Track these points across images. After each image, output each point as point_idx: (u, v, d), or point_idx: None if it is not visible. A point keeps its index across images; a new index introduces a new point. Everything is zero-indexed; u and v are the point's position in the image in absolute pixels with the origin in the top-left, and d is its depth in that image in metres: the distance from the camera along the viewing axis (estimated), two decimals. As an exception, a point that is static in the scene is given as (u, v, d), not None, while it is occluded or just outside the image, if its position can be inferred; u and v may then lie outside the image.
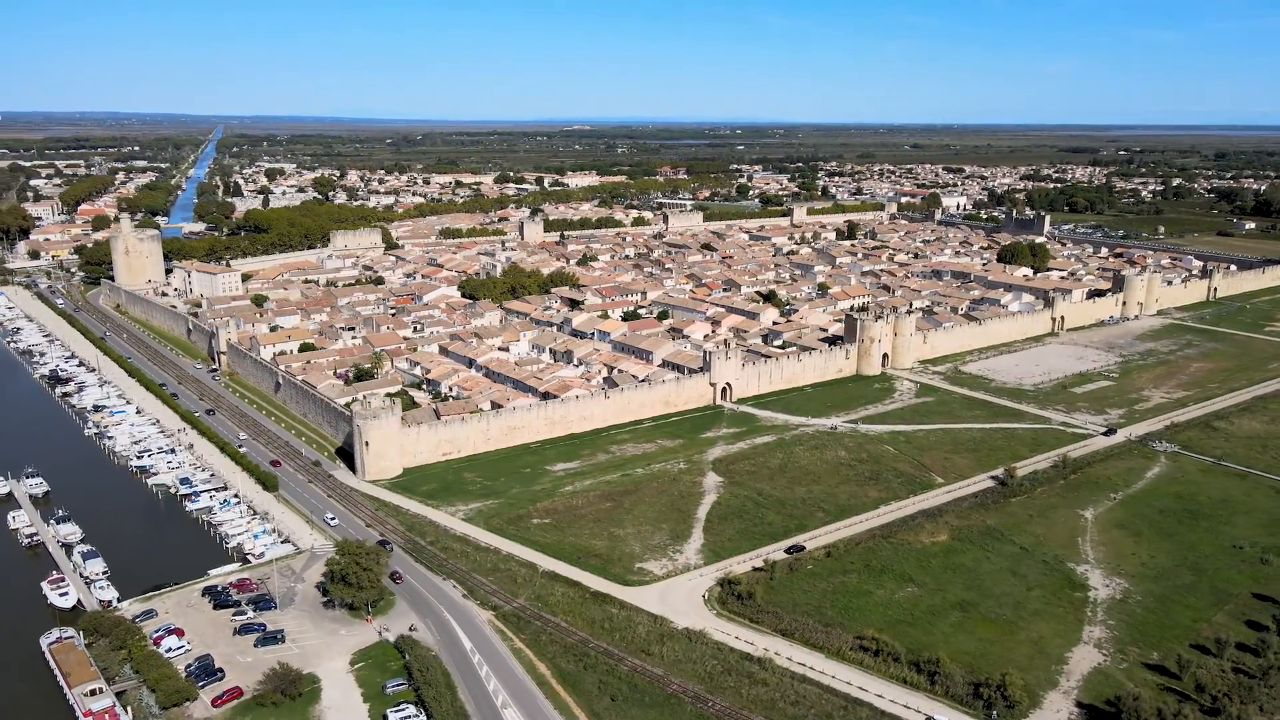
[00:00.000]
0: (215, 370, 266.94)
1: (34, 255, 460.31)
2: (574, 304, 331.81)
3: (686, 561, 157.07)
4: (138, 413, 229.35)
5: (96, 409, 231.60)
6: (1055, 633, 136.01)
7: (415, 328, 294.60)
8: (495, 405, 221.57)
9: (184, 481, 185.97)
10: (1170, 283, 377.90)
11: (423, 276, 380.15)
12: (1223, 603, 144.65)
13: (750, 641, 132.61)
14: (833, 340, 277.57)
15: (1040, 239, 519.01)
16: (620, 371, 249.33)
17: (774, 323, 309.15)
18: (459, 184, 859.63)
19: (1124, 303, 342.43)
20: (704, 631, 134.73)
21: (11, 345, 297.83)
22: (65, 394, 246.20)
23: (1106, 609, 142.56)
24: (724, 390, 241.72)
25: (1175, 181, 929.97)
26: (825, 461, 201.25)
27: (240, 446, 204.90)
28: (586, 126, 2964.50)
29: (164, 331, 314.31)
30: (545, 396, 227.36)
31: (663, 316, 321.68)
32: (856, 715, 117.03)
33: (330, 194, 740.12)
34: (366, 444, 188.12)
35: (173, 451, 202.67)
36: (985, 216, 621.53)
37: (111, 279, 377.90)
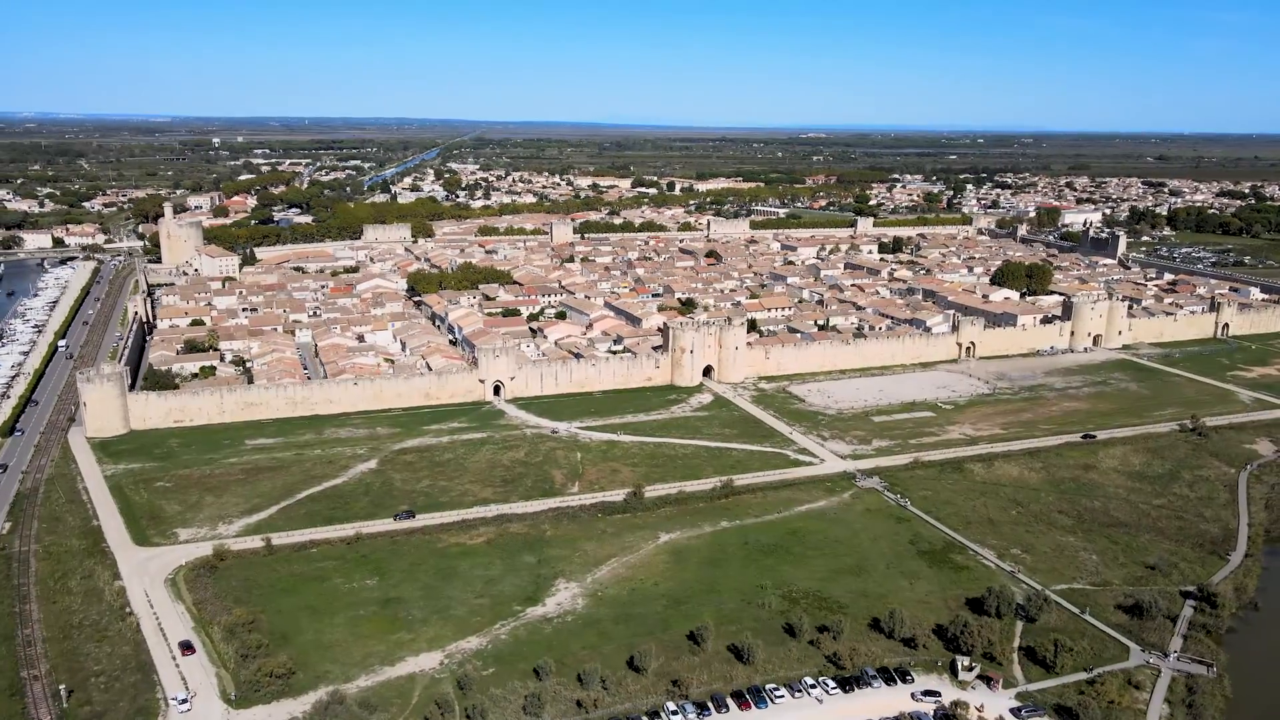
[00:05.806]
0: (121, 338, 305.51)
1: (140, 237, 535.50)
2: (488, 298, 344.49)
3: (221, 532, 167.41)
4: (11, 368, 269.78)
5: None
6: (436, 637, 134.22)
7: (312, 313, 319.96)
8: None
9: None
10: (1170, 314, 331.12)
11: (399, 268, 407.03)
12: (645, 636, 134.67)
13: (154, 608, 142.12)
14: (659, 347, 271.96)
15: (1109, 260, 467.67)
16: (421, 360, 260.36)
17: (658, 329, 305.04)
18: (595, 186, 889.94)
19: (1072, 333, 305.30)
20: (123, 590, 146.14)
21: (18, 305, 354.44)
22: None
23: (528, 624, 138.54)
24: (496, 388, 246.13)
25: None
26: (492, 461, 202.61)
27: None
28: (823, 134, 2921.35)
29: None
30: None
31: (561, 316, 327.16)
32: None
33: (452, 193, 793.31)
34: (84, 404, 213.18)
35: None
36: (1092, 237, 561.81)
37: (159, 260, 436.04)
